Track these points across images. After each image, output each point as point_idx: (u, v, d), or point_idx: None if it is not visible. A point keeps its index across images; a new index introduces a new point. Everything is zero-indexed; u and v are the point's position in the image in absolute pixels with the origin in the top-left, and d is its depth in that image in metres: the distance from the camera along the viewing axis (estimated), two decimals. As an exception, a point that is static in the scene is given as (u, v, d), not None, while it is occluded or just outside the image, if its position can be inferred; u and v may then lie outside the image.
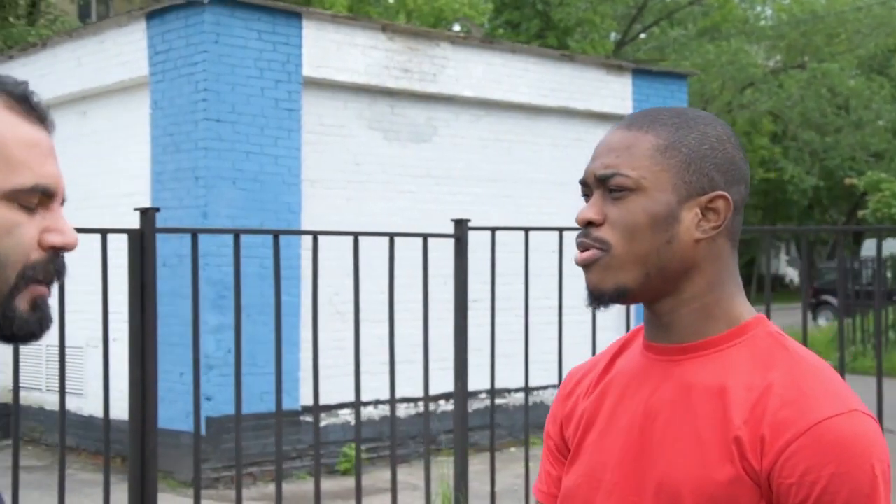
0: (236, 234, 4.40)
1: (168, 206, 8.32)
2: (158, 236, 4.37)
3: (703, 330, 1.30)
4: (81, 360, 9.32)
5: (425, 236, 4.60)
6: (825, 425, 1.18)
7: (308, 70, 8.63)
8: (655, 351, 1.33)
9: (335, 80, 8.83)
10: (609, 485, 1.32)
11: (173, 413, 7.66)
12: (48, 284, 1.06)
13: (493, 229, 4.69)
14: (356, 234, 4.46)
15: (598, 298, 1.30)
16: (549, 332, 5.63)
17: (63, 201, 1.09)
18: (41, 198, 1.05)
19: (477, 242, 4.79)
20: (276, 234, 4.37)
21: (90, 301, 5.62)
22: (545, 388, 9.23)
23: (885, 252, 9.12)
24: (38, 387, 10.16)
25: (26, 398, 10.31)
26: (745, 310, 1.33)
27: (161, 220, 8.22)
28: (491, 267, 4.58)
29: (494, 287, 4.62)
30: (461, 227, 4.76)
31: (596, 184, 1.30)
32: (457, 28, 22.86)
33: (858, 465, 1.17)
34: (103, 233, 4.25)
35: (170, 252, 7.68)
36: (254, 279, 7.48)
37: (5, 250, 1.02)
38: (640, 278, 1.28)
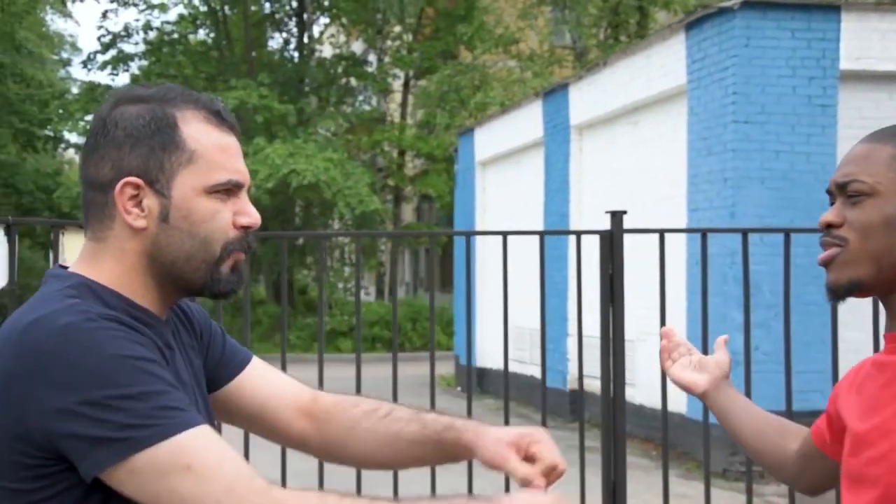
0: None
1: (699, 208, 8.71)
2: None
3: None
4: (633, 353, 10.10)
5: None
6: None
7: (846, 63, 8.39)
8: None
9: (877, 70, 8.44)
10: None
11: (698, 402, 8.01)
12: (246, 252, 1.42)
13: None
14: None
15: (835, 293, 1.49)
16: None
17: (250, 188, 1.44)
18: (234, 188, 1.40)
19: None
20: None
21: (642, 296, 6.21)
22: None
23: None
24: (598, 375, 11.17)
25: (588, 385, 11.44)
26: None
27: (693, 221, 8.67)
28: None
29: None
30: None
31: (837, 191, 1.52)
32: None
33: None
34: (578, 234, 4.83)
35: (697, 251, 8.06)
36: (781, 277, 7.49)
37: (211, 232, 1.37)
38: (872, 273, 1.45)
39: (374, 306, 24.01)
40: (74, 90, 28.38)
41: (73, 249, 4.37)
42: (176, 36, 26.70)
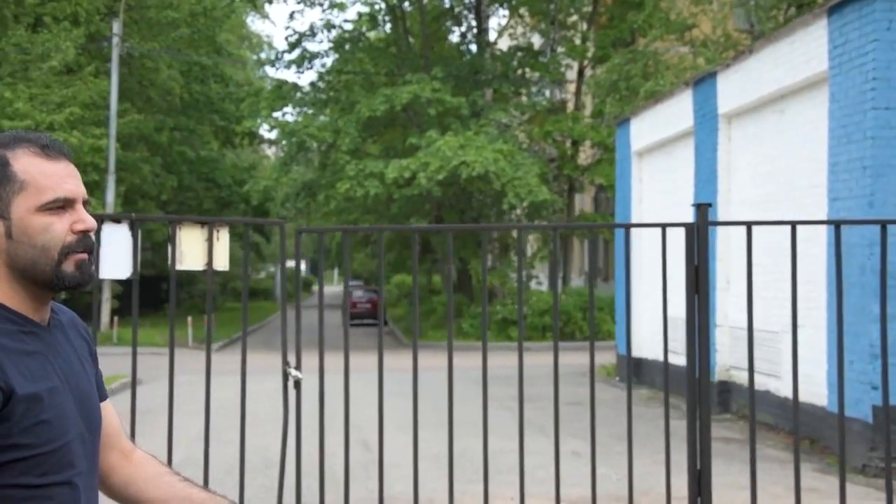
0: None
1: (839, 198, 8.49)
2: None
3: None
4: (779, 345, 9.91)
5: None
6: None
7: None
8: None
9: None
10: None
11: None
12: (86, 252, 1.71)
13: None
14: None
15: None
16: None
17: (86, 203, 1.72)
18: (65, 203, 1.69)
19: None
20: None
21: (785, 289, 6.22)
22: None
23: None
24: (745, 367, 11.02)
25: (737, 377, 11.27)
26: None
27: (833, 211, 8.49)
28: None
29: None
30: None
31: None
32: None
33: None
34: (663, 227, 4.95)
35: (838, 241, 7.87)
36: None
37: (47, 241, 1.68)
38: None
39: (546, 295, 24.20)
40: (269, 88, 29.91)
41: (188, 243, 4.93)
42: (356, 33, 27.74)
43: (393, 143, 27.10)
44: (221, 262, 4.95)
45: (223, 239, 4.96)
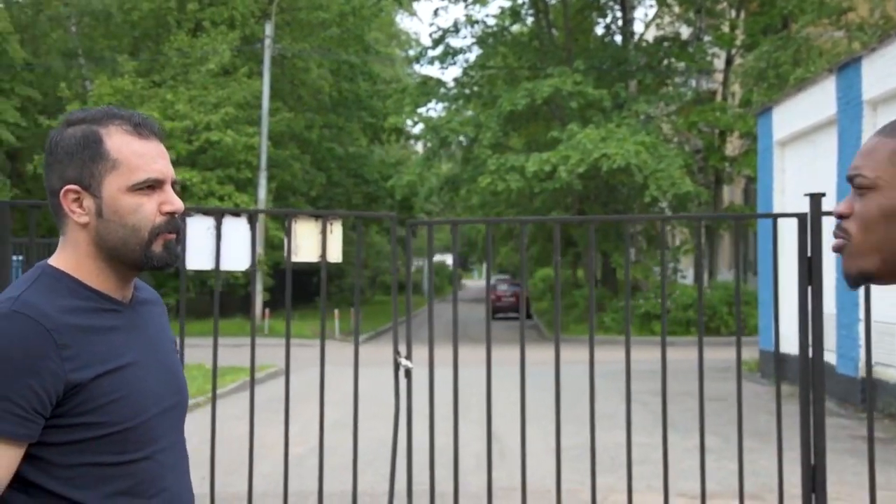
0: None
1: None
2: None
3: None
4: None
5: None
6: None
7: None
8: None
9: None
10: None
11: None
12: (174, 233, 1.72)
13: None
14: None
15: (848, 281, 1.53)
16: None
17: (174, 183, 1.72)
18: (155, 184, 1.69)
19: None
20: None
21: None
22: None
23: None
24: (889, 363, 10.56)
25: (882, 374, 10.82)
26: None
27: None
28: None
29: None
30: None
31: (849, 183, 1.60)
32: None
33: None
34: (774, 217, 4.87)
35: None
36: None
37: (138, 221, 1.68)
38: (877, 264, 1.48)
39: (690, 289, 23.73)
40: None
41: (303, 236, 5.16)
42: (498, 28, 27.87)
43: (535, 137, 27.11)
44: (334, 255, 5.16)
45: (336, 232, 5.16)
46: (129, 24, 30.16)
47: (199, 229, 5.07)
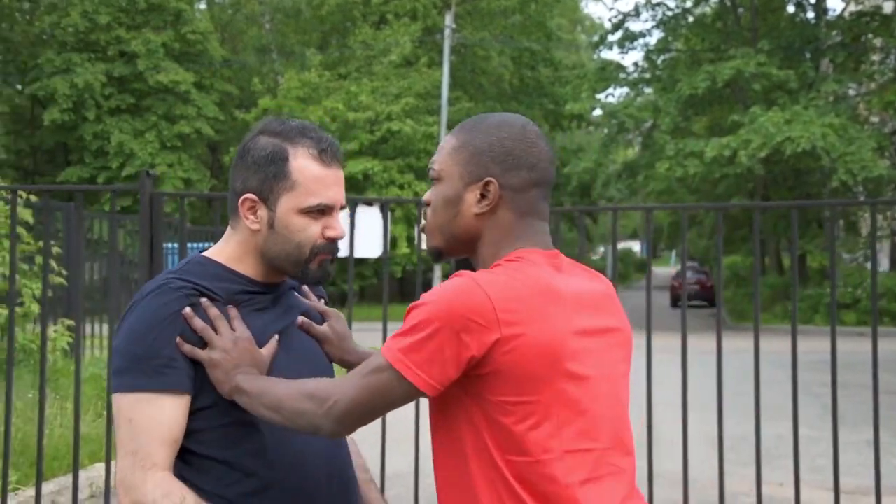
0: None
1: None
2: None
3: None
4: None
5: None
6: None
7: None
8: None
9: None
10: None
11: None
12: (330, 254, 1.86)
13: None
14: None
15: (430, 256, 1.79)
16: None
17: (343, 208, 1.85)
18: (324, 209, 1.83)
19: None
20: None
21: None
22: None
23: None
24: None
25: None
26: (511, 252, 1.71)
27: None
28: None
29: None
30: None
31: None
32: None
33: None
34: (914, 203, 4.66)
35: None
36: None
37: (303, 240, 1.82)
38: (443, 242, 1.74)
39: (884, 278, 22.49)
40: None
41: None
42: (680, 10, 27.22)
43: (718, 122, 26.36)
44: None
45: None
46: (317, 19, 31.43)
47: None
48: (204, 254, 1.89)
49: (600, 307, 1.70)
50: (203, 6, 32.86)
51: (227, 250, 1.88)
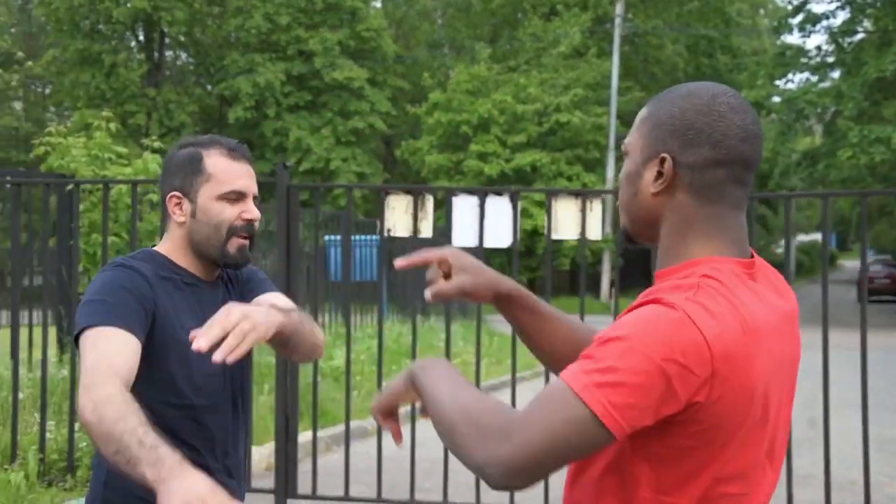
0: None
1: None
2: None
3: (665, 263, 1.58)
4: None
5: None
6: None
7: None
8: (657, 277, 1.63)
9: None
10: None
11: None
12: (248, 238, 2.16)
13: None
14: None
15: (621, 235, 1.65)
16: None
17: (255, 197, 2.16)
18: (238, 196, 2.15)
19: None
20: None
21: None
22: None
23: None
24: None
25: None
26: (697, 251, 1.53)
27: None
28: None
29: None
30: None
31: None
32: None
33: None
34: None
35: None
36: None
37: (219, 221, 2.13)
38: (627, 222, 1.59)
39: None
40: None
41: (562, 211, 5.26)
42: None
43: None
44: (594, 233, 5.22)
45: (596, 210, 5.22)
46: (488, 12, 31.61)
47: (464, 208, 5.36)
48: (152, 248, 2.22)
49: (783, 335, 1.50)
50: (378, 4, 33.65)
51: (166, 246, 2.20)
